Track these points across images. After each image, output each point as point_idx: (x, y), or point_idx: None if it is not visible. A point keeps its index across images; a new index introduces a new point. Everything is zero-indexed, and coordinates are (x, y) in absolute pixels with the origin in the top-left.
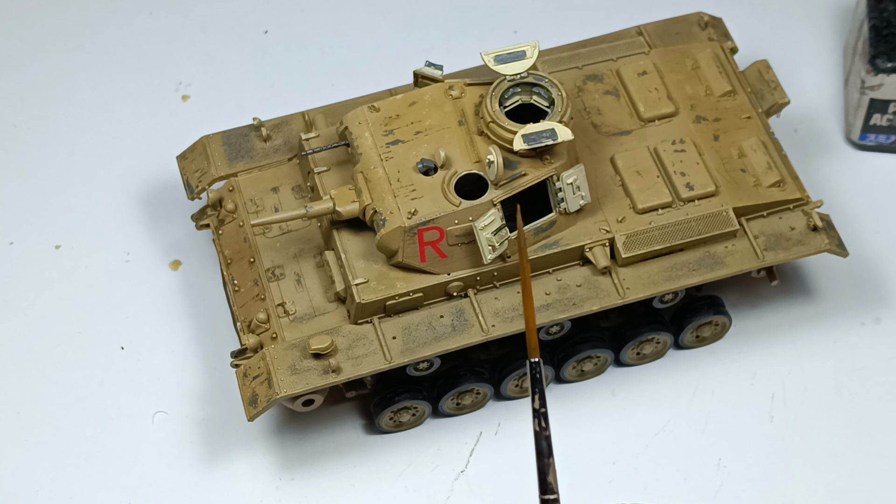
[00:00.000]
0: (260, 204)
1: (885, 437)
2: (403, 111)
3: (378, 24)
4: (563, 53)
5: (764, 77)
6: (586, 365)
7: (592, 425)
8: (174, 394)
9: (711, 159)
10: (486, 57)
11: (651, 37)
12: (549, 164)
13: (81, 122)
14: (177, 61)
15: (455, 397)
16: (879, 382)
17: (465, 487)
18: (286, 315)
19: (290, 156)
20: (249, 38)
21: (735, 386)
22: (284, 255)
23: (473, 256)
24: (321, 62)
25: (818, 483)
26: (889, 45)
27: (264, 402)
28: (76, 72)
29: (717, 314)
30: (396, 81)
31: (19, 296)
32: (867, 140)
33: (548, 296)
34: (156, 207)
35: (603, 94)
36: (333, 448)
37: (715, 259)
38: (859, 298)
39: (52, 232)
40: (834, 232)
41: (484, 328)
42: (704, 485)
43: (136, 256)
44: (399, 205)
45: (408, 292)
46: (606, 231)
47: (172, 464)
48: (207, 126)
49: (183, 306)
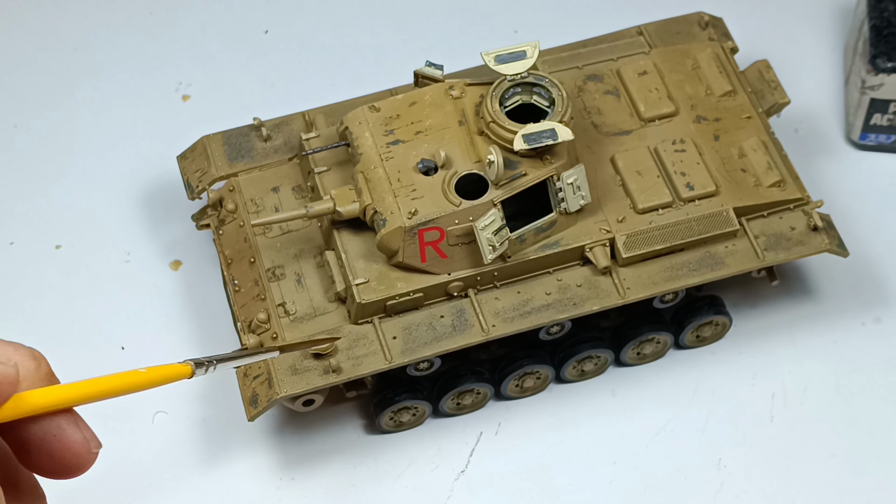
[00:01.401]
0: (260, 204)
1: (885, 437)
2: (404, 111)
3: (378, 24)
4: (563, 53)
5: (764, 77)
6: (587, 365)
7: (592, 425)
8: (174, 394)
9: (712, 159)
10: (486, 57)
11: (651, 37)
12: (549, 164)
13: (81, 122)
14: (177, 61)
15: (455, 397)
16: (879, 382)
17: (466, 487)
18: (286, 315)
19: (291, 156)
20: (249, 38)
21: (735, 386)
22: (285, 255)
23: (474, 256)
24: (321, 62)
25: (818, 483)
26: (889, 44)
27: (265, 402)
28: (76, 72)
29: (717, 314)
30: (396, 81)
31: (19, 296)
32: (867, 140)
33: (548, 296)
34: (156, 207)
35: (603, 93)
36: (334, 448)
37: (715, 259)
38: (859, 298)
39: (52, 232)
40: (834, 232)
41: (484, 328)
42: (704, 485)
43: (136, 256)
44: (399, 205)
45: (408, 292)
46: (607, 231)
47: (172, 464)
48: (207, 126)
49: (183, 306)
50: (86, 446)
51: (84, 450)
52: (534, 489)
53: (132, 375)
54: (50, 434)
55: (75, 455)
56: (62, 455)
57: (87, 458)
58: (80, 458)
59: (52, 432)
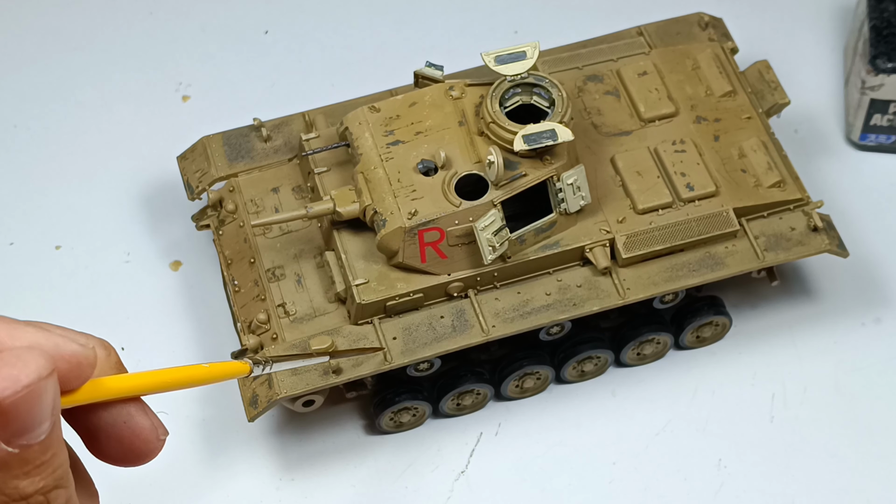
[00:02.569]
0: (260, 204)
1: (885, 437)
2: (404, 111)
3: (378, 24)
4: (563, 54)
5: (764, 77)
6: (587, 365)
7: (592, 425)
8: (174, 394)
9: (712, 160)
10: (486, 57)
11: (651, 37)
12: (549, 164)
13: (81, 122)
14: (177, 61)
15: (455, 398)
16: (879, 382)
17: (466, 487)
18: (286, 315)
19: (291, 156)
20: (249, 38)
21: (735, 386)
22: (285, 256)
23: (474, 257)
24: (321, 62)
25: (818, 483)
26: (889, 45)
27: (265, 402)
28: (76, 72)
29: (717, 314)
30: (396, 81)
31: (19, 296)
32: (867, 140)
33: (548, 296)
34: (156, 208)
35: (603, 94)
36: (334, 449)
37: (715, 259)
38: (859, 298)
39: (52, 232)
40: (834, 232)
41: (484, 329)
42: (704, 485)
43: (136, 256)
44: (399, 205)
45: (408, 293)
46: (607, 231)
47: (172, 464)
48: (207, 126)
49: (183, 306)
50: (154, 433)
51: (153, 436)
52: (534, 489)
53: (196, 369)
54: (120, 420)
55: (144, 441)
56: (131, 441)
57: (156, 445)
58: (149, 444)
59: (122, 419)
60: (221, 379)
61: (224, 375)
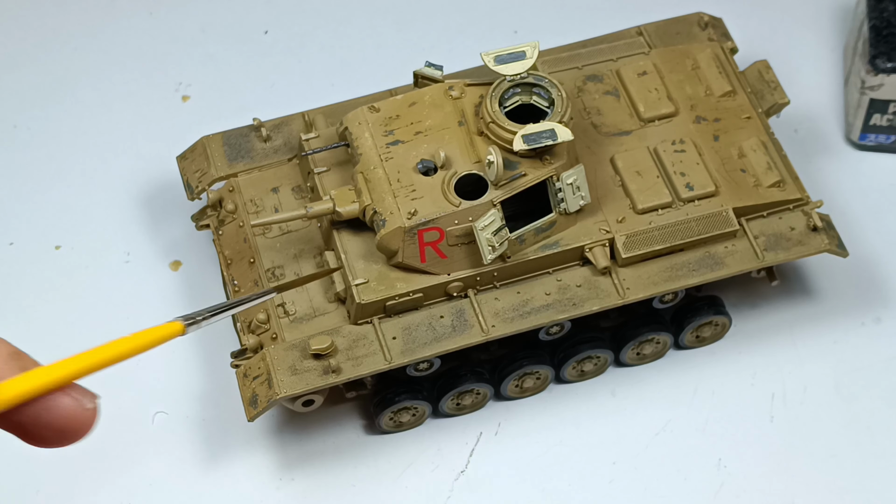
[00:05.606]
0: (260, 204)
1: (885, 437)
2: (403, 111)
3: (378, 24)
4: (563, 54)
5: (764, 77)
6: (586, 365)
7: (592, 425)
8: (174, 394)
9: (711, 159)
10: (486, 57)
11: (651, 37)
12: (548, 164)
13: (81, 122)
14: (177, 61)
15: (455, 397)
16: (879, 382)
17: (466, 487)
18: (286, 315)
19: (290, 156)
20: (249, 38)
21: (735, 386)
22: (284, 256)
23: (473, 257)
24: (321, 62)
25: (818, 483)
26: (889, 45)
27: (264, 402)
28: (76, 72)
29: (717, 314)
30: (396, 81)
31: (19, 296)
32: (867, 140)
33: (548, 296)
34: (156, 208)
35: (603, 94)
36: (334, 448)
37: (715, 259)
38: (859, 298)
39: (52, 232)
40: (834, 232)
41: (484, 328)
42: (704, 485)
43: (136, 256)
44: (399, 205)
45: (408, 293)
46: (606, 231)
47: (172, 464)
48: (207, 126)
49: (183, 306)
50: (79, 406)
51: (79, 410)
52: (534, 489)
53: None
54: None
55: (73, 419)
56: (61, 423)
57: (88, 415)
58: (80, 419)
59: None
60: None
61: (154, 342)
